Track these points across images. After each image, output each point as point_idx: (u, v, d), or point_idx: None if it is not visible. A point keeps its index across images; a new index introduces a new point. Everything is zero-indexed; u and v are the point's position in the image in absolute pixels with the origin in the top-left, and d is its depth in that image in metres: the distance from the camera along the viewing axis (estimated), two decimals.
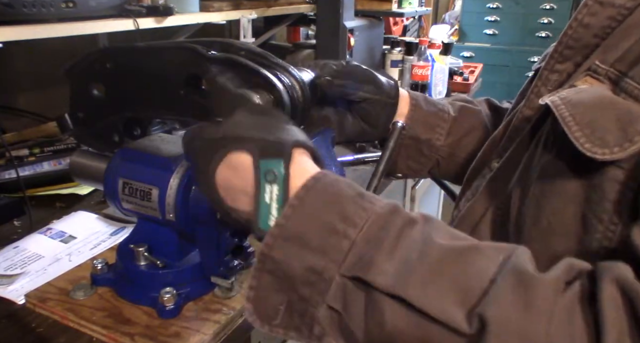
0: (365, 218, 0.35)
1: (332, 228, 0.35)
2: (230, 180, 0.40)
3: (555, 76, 0.46)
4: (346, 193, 0.37)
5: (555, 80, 0.46)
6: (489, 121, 0.68)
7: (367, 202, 0.36)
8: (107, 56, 0.59)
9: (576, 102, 0.38)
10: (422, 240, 0.34)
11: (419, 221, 0.36)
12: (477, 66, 2.19)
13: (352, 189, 0.37)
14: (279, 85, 0.49)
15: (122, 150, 0.64)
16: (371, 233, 0.34)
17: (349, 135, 0.65)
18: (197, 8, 1.23)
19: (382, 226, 0.35)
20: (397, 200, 1.58)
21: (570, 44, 0.44)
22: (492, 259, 0.32)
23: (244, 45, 0.53)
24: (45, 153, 1.00)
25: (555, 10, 3.68)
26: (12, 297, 0.66)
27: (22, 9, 0.83)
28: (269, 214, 0.37)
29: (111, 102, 0.61)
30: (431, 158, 0.68)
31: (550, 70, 0.46)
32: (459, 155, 0.67)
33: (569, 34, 0.44)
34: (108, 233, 0.83)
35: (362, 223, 0.35)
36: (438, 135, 0.66)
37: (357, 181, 0.39)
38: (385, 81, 0.64)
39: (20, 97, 1.24)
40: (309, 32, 1.92)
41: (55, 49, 1.17)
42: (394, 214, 0.36)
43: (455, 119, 0.67)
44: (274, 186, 0.37)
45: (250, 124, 0.42)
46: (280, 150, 0.38)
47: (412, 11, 1.87)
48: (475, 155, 0.68)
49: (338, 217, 0.35)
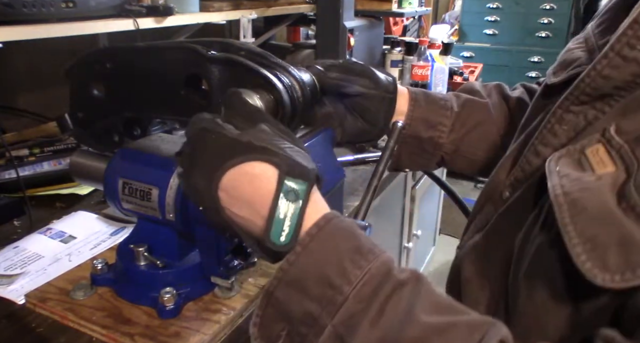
0: (360, 277, 0.37)
1: (330, 282, 0.37)
2: (240, 187, 0.40)
3: (570, 116, 0.43)
4: (345, 247, 0.39)
5: (570, 120, 0.43)
6: (498, 112, 0.67)
7: (363, 260, 0.38)
8: (107, 56, 0.59)
9: (580, 207, 0.35)
10: (406, 311, 0.36)
11: (408, 284, 0.37)
12: (477, 66, 2.19)
13: (353, 241, 0.39)
14: (279, 85, 0.49)
15: (122, 150, 0.64)
16: (363, 294, 0.37)
17: (350, 135, 0.65)
18: (197, 8, 1.23)
19: (374, 289, 0.37)
20: (397, 200, 1.58)
21: (588, 91, 0.41)
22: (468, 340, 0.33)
23: (244, 45, 0.53)
24: (45, 153, 1.00)
25: (555, 10, 3.68)
26: (12, 297, 0.66)
27: (22, 9, 0.83)
28: (281, 230, 0.39)
29: (111, 102, 0.61)
30: (435, 155, 0.67)
31: (565, 110, 0.44)
32: (465, 150, 0.66)
33: (586, 82, 0.41)
34: (108, 233, 0.83)
35: (356, 281, 0.37)
36: (440, 133, 0.65)
37: (357, 181, 0.39)
38: (382, 77, 0.63)
39: (20, 97, 1.24)
40: (309, 32, 1.92)
41: (55, 49, 1.17)
42: (385, 277, 0.37)
43: (459, 115, 0.66)
44: (292, 205, 0.39)
45: (277, 139, 0.42)
46: (306, 175, 0.40)
47: (412, 11, 1.87)
48: (481, 151, 0.67)
49: (336, 271, 0.37)
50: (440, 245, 2.57)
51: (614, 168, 0.36)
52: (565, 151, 0.40)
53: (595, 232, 0.34)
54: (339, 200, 0.56)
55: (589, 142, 0.39)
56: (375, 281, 0.37)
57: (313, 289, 0.37)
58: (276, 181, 0.39)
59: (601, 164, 0.37)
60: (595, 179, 0.36)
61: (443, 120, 0.65)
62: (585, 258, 0.33)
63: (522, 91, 0.69)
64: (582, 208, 0.35)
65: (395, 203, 1.59)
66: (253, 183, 0.40)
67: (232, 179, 0.40)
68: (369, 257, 0.38)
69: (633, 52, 0.38)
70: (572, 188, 0.36)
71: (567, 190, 0.37)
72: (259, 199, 0.39)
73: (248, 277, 0.68)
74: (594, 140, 0.39)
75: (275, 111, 0.49)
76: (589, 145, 0.39)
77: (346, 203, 0.92)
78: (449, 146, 0.66)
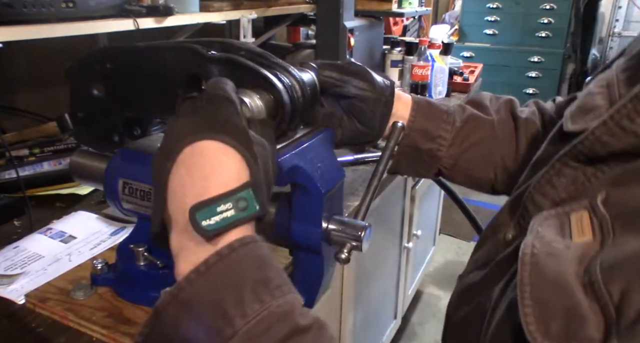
0: (257, 312, 0.34)
1: (224, 312, 0.34)
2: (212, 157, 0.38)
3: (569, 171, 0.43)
4: (252, 276, 0.36)
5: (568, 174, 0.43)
6: (502, 131, 0.65)
7: (267, 295, 0.35)
8: (107, 56, 0.59)
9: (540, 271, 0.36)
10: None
11: (309, 332, 0.35)
12: (477, 66, 2.19)
13: (263, 272, 0.36)
14: (279, 85, 0.49)
15: (122, 150, 0.64)
16: (255, 332, 0.34)
17: (347, 137, 0.63)
18: (197, 8, 1.23)
19: (268, 328, 0.34)
20: (397, 200, 1.58)
21: (586, 152, 0.42)
22: None
23: (244, 45, 0.53)
24: (45, 153, 1.00)
25: (555, 10, 3.68)
26: (12, 297, 0.66)
27: (22, 9, 0.83)
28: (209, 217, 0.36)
29: (111, 102, 0.61)
30: (433, 166, 0.66)
31: (563, 164, 0.44)
32: (463, 166, 0.65)
33: (585, 144, 0.41)
34: (108, 233, 0.83)
35: (252, 315, 0.34)
36: (439, 146, 0.64)
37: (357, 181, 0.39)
38: (379, 80, 0.62)
39: (20, 97, 1.24)
40: (309, 32, 1.92)
41: (55, 49, 1.17)
42: (285, 318, 0.35)
43: (461, 130, 0.65)
44: (232, 211, 0.36)
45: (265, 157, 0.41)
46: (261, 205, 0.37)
47: (412, 11, 1.87)
48: (480, 168, 0.66)
49: (234, 300, 0.34)
50: (440, 245, 2.57)
51: (592, 238, 0.36)
52: (554, 212, 0.41)
53: (547, 298, 0.34)
54: (339, 200, 0.56)
55: (577, 207, 0.39)
56: (272, 320, 0.34)
57: (204, 315, 0.34)
58: (242, 182, 0.37)
59: (580, 232, 0.37)
60: (564, 247, 0.37)
61: (443, 133, 0.64)
62: (532, 321, 0.34)
63: (532, 111, 0.67)
64: (542, 272, 0.36)
65: (395, 203, 1.59)
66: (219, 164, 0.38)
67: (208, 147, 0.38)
68: (275, 293, 0.36)
69: (632, 126, 0.38)
70: (540, 251, 0.37)
71: (535, 251, 0.37)
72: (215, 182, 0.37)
73: None
74: (581, 207, 0.39)
75: (275, 111, 0.49)
76: (576, 210, 0.39)
77: (346, 203, 0.92)
78: (448, 160, 0.65)
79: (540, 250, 0.37)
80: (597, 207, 0.37)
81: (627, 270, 0.31)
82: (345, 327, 1.25)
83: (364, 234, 0.50)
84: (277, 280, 0.36)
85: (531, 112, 0.67)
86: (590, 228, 0.37)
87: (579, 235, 0.37)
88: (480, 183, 0.68)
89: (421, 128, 0.64)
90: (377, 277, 1.53)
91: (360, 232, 0.51)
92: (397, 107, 0.63)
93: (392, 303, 1.82)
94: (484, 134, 0.65)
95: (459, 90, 1.89)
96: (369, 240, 0.52)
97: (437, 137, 0.64)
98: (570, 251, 0.36)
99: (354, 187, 1.00)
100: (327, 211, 0.51)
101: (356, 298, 1.31)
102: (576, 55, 3.54)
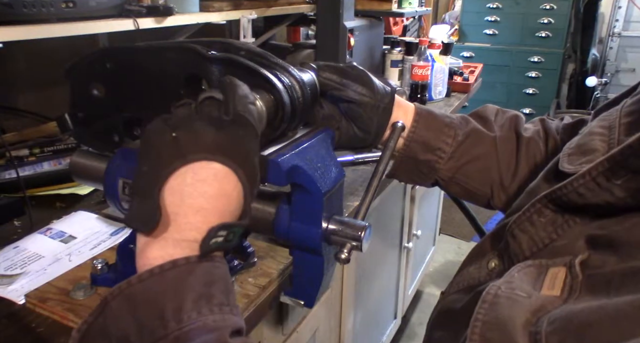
0: (192, 321, 0.35)
1: (161, 313, 0.35)
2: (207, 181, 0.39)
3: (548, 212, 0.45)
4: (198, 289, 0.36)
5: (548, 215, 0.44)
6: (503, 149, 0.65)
7: (206, 308, 0.36)
8: (107, 56, 0.59)
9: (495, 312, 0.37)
10: None
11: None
12: (477, 66, 2.19)
13: (210, 288, 0.37)
14: (279, 85, 0.49)
15: (122, 150, 0.64)
16: (184, 338, 0.34)
17: (344, 140, 0.63)
18: (197, 8, 1.23)
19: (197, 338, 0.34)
20: (397, 200, 1.58)
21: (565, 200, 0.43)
22: None
23: (244, 45, 0.53)
24: (45, 153, 1.00)
25: (555, 10, 3.68)
26: (12, 297, 0.66)
27: (22, 9, 0.82)
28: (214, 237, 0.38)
29: (111, 102, 0.61)
30: (430, 177, 0.66)
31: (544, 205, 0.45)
32: (460, 179, 0.65)
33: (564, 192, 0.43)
34: (108, 233, 0.83)
35: (187, 322, 0.35)
36: (437, 158, 0.64)
37: (357, 181, 0.39)
38: (380, 86, 0.61)
39: (20, 97, 1.24)
40: (309, 32, 1.92)
41: (55, 49, 1.17)
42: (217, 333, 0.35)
43: (461, 144, 0.64)
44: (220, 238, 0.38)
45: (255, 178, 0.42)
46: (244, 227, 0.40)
47: (412, 11, 1.87)
48: (477, 183, 0.66)
49: (174, 305, 0.35)
50: (440, 245, 2.57)
51: (559, 294, 0.37)
52: (537, 263, 0.42)
53: (492, 337, 0.36)
54: (339, 200, 0.56)
55: (558, 262, 0.41)
56: (203, 331, 0.35)
57: (143, 313, 0.35)
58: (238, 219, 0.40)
59: (550, 286, 0.39)
60: (526, 296, 0.38)
61: (443, 146, 0.64)
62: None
63: (537, 131, 0.66)
64: (496, 312, 0.37)
65: (395, 204, 1.59)
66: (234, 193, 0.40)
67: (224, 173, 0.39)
68: (214, 309, 0.36)
69: (607, 183, 0.39)
70: (503, 294, 0.38)
71: (499, 293, 0.39)
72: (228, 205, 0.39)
73: (248, 276, 0.68)
74: (561, 263, 0.40)
75: (275, 111, 0.49)
76: (556, 265, 0.40)
77: (346, 203, 0.92)
78: (445, 172, 0.65)
79: (503, 293, 0.38)
80: (574, 266, 0.39)
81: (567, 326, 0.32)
82: (345, 327, 1.25)
83: (364, 234, 0.50)
84: (221, 299, 0.37)
85: (535, 132, 0.66)
86: (562, 284, 0.38)
87: (548, 289, 0.38)
88: (477, 198, 0.68)
89: (421, 139, 0.64)
90: (377, 277, 1.53)
91: (360, 232, 0.51)
92: (398, 115, 0.63)
93: (392, 303, 1.82)
94: (484, 150, 0.65)
95: (459, 90, 1.89)
96: (368, 240, 0.52)
97: (437, 149, 0.64)
98: (530, 300, 0.37)
99: (354, 187, 1.00)
100: (327, 211, 0.51)
101: (356, 298, 1.31)
102: (576, 55, 3.54)
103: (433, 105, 1.71)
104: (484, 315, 0.37)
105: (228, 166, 0.39)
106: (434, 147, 0.64)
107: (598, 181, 0.40)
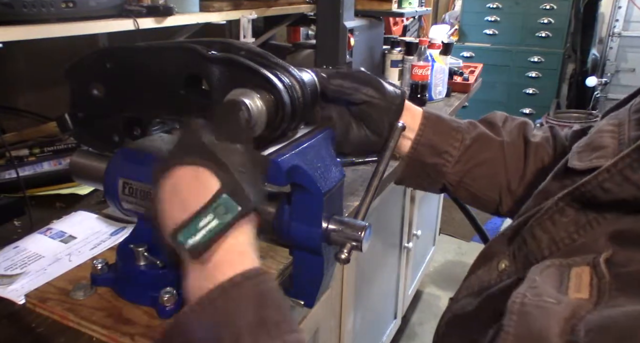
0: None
1: None
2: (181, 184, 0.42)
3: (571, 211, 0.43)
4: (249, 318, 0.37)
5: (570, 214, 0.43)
6: (511, 154, 0.64)
7: (264, 334, 0.37)
8: (107, 56, 0.59)
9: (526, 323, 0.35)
10: None
11: None
12: (477, 66, 2.19)
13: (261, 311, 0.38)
14: (279, 85, 0.49)
15: (122, 150, 0.64)
16: None
17: (354, 145, 0.63)
18: (197, 8, 1.23)
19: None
20: (397, 200, 1.58)
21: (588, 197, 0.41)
22: None
23: (244, 45, 0.53)
24: (45, 153, 1.00)
25: (555, 10, 3.68)
26: (12, 297, 0.66)
27: (22, 9, 0.83)
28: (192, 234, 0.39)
29: (111, 102, 0.61)
30: (438, 181, 0.66)
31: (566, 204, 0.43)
32: (468, 183, 0.65)
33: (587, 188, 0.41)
34: (108, 233, 0.83)
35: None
36: (445, 161, 0.64)
37: (357, 181, 0.39)
38: (390, 88, 0.62)
39: (20, 97, 1.24)
40: (309, 32, 1.92)
41: (55, 49, 1.17)
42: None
43: (468, 148, 0.64)
44: (215, 220, 0.39)
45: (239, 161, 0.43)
46: (243, 203, 0.40)
47: (412, 11, 1.87)
48: (484, 188, 0.65)
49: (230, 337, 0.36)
50: (440, 245, 2.57)
51: (587, 297, 0.35)
52: (557, 263, 0.40)
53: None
54: (339, 200, 0.56)
55: (580, 262, 0.39)
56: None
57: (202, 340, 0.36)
58: (213, 193, 0.40)
59: (577, 288, 0.37)
60: (555, 302, 0.36)
61: (450, 150, 0.64)
62: None
63: (546, 137, 0.66)
64: (527, 324, 0.35)
65: (395, 204, 1.59)
66: (192, 186, 0.41)
67: (178, 175, 0.42)
68: (272, 333, 0.37)
69: (635, 175, 0.38)
70: (530, 302, 0.36)
71: (526, 301, 0.37)
72: (193, 202, 0.40)
73: None
74: (584, 262, 0.38)
75: (275, 111, 0.49)
76: (578, 265, 0.39)
77: (346, 203, 0.92)
78: (453, 176, 0.65)
79: (530, 301, 0.37)
80: (599, 265, 0.37)
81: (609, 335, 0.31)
82: (345, 327, 1.25)
83: (364, 234, 0.50)
84: (275, 318, 0.38)
85: (544, 138, 0.66)
86: (588, 286, 0.36)
87: (575, 292, 0.37)
88: (485, 204, 0.67)
89: (428, 142, 0.64)
90: (377, 277, 1.53)
91: (360, 232, 0.51)
92: (406, 119, 0.63)
93: (392, 303, 1.82)
94: (491, 155, 0.64)
95: (459, 90, 1.89)
96: (368, 240, 0.52)
97: (444, 153, 0.64)
98: (561, 307, 0.35)
99: (354, 187, 1.00)
100: (327, 211, 0.51)
101: (356, 298, 1.31)
102: (576, 55, 3.54)
103: (433, 105, 1.71)
104: (515, 328, 0.35)
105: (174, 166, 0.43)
106: (441, 150, 0.64)
107: (625, 174, 0.38)
